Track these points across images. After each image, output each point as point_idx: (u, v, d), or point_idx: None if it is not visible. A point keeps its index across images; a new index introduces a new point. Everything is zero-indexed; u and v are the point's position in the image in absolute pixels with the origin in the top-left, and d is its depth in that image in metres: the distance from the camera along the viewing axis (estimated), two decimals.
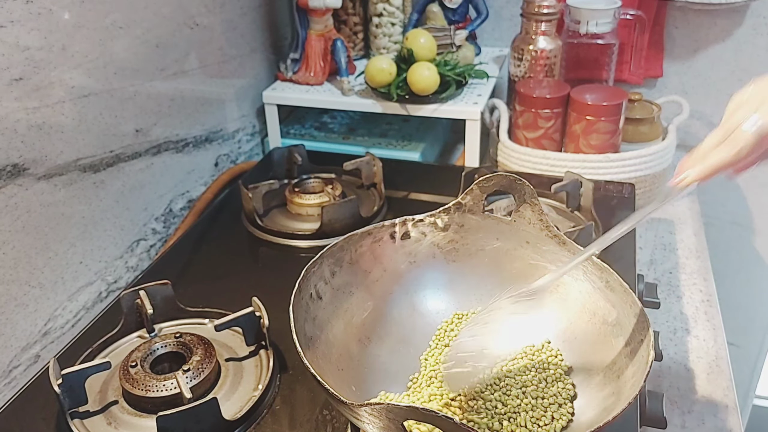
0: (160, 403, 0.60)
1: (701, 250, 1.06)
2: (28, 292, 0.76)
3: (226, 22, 1.07)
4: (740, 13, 1.19)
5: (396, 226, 0.67)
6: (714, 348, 0.87)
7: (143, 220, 0.94)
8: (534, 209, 0.64)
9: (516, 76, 1.16)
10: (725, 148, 0.54)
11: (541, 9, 1.09)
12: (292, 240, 0.88)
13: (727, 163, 0.54)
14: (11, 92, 0.71)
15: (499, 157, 1.12)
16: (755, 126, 0.52)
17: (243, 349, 0.69)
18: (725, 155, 0.53)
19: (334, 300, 0.64)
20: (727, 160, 0.54)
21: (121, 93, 0.87)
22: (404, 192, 1.00)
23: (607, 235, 0.58)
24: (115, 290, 0.89)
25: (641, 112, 1.11)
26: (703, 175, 0.55)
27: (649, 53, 1.25)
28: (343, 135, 1.22)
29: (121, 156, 0.88)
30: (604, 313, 0.60)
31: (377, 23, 1.20)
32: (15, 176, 0.73)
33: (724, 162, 0.54)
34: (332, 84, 1.18)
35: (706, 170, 0.54)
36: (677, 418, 0.77)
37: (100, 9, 0.81)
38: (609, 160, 1.04)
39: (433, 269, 0.68)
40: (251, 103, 1.18)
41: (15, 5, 0.70)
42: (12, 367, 0.75)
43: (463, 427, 0.44)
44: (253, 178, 0.98)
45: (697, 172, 0.55)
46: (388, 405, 0.45)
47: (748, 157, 0.53)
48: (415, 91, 1.07)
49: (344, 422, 0.61)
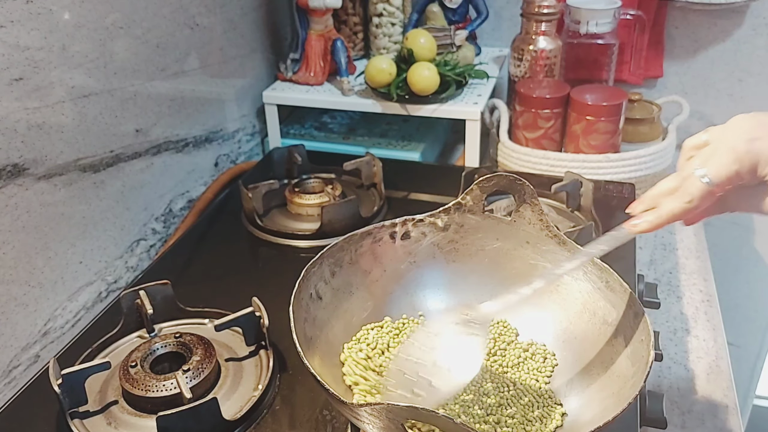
0: (160, 403, 0.60)
1: (701, 250, 1.06)
2: (28, 292, 0.76)
3: (226, 23, 1.07)
4: (740, 14, 1.20)
5: (396, 226, 0.67)
6: (714, 348, 0.87)
7: (143, 220, 0.94)
8: (534, 209, 0.64)
9: (516, 76, 1.16)
10: (678, 197, 0.53)
11: (541, 9, 1.09)
12: (292, 240, 0.88)
13: (678, 214, 0.54)
14: (11, 92, 0.71)
15: (499, 157, 1.12)
16: (706, 177, 0.52)
17: (243, 349, 0.69)
18: (677, 205, 0.53)
19: (334, 300, 0.64)
20: (678, 210, 0.53)
21: (121, 93, 0.87)
22: (404, 192, 1.00)
23: (556, 269, 0.60)
24: (115, 290, 0.89)
25: (641, 112, 1.11)
26: (655, 226, 0.55)
27: (649, 53, 1.25)
28: (343, 135, 1.22)
29: (121, 156, 0.88)
30: (604, 313, 0.61)
31: (377, 23, 1.20)
32: (15, 176, 0.73)
33: (675, 212, 0.54)
34: (332, 84, 1.18)
35: (657, 221, 0.55)
36: (677, 418, 0.77)
37: (100, 9, 0.81)
38: (609, 160, 1.04)
39: (433, 269, 0.68)
40: (251, 103, 1.18)
41: (15, 5, 0.70)
42: (12, 367, 0.75)
43: (463, 427, 0.44)
44: (253, 178, 0.98)
45: (650, 223, 0.55)
46: (388, 405, 0.45)
47: (699, 207, 0.53)
48: (415, 91, 1.07)
49: (344, 422, 0.61)
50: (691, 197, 0.53)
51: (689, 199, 0.53)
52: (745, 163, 0.51)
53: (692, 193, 0.52)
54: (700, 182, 0.52)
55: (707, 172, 0.52)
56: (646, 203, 0.56)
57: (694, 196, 0.52)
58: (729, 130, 0.53)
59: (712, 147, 0.53)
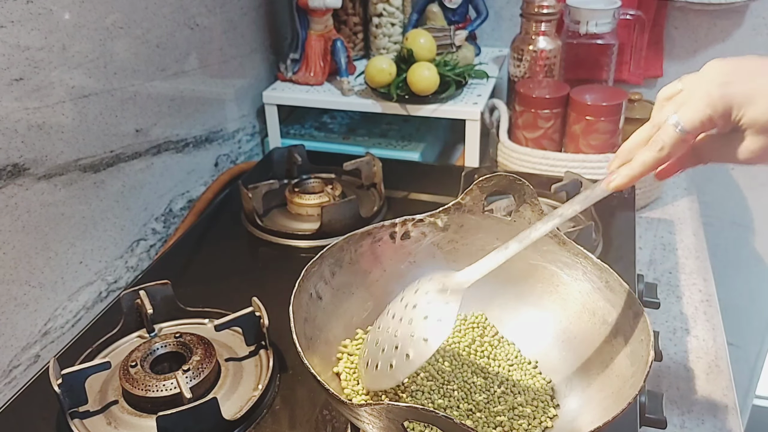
0: (160, 403, 0.60)
1: (701, 250, 1.06)
2: (28, 292, 0.76)
3: (226, 23, 1.07)
4: (740, 14, 1.20)
5: (396, 226, 0.67)
6: (713, 348, 0.87)
7: (143, 220, 0.94)
8: (534, 209, 0.64)
9: (516, 77, 1.16)
10: (650, 147, 0.52)
11: (541, 9, 1.09)
12: (292, 240, 0.88)
13: (651, 163, 0.53)
14: (11, 92, 0.71)
15: (499, 157, 1.12)
16: (679, 124, 0.51)
17: (243, 349, 0.69)
18: (650, 155, 0.52)
19: (334, 300, 0.64)
20: (651, 160, 0.52)
21: (122, 93, 0.87)
22: (404, 192, 1.00)
23: (531, 232, 0.57)
24: (115, 290, 0.89)
25: (641, 112, 1.11)
26: (630, 179, 0.54)
27: (648, 53, 1.25)
28: (343, 135, 1.22)
29: (121, 156, 0.88)
30: (604, 313, 0.61)
31: (377, 23, 1.20)
32: (15, 176, 0.73)
33: (648, 163, 0.53)
34: (332, 84, 1.18)
35: (631, 173, 0.54)
36: (677, 418, 0.77)
37: (101, 9, 0.81)
38: (609, 160, 1.04)
39: (433, 269, 0.68)
40: (251, 103, 1.18)
41: (15, 5, 0.70)
42: (12, 367, 0.75)
43: (463, 427, 0.44)
44: (253, 178, 0.98)
45: (625, 177, 0.54)
46: (388, 405, 0.45)
47: (672, 155, 0.52)
48: (415, 92, 1.07)
49: (344, 422, 0.61)
50: (662, 145, 0.52)
51: (661, 146, 0.52)
52: (719, 107, 0.50)
53: (664, 141, 0.51)
54: (673, 130, 0.51)
55: (679, 119, 0.51)
56: (621, 158, 0.55)
57: (665, 144, 0.51)
58: (703, 76, 0.52)
59: (686, 93, 0.52)
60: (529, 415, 0.59)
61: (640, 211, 1.13)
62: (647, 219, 1.12)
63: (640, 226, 1.09)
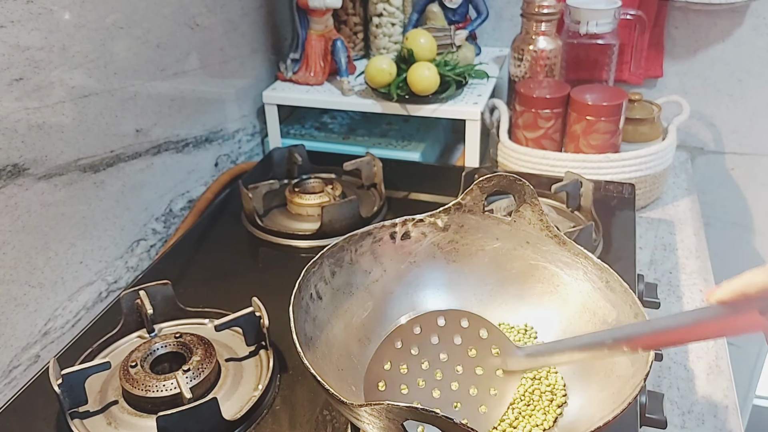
0: (160, 403, 0.60)
1: (701, 251, 1.06)
2: (28, 292, 0.76)
3: (226, 23, 1.07)
4: (740, 14, 1.20)
5: (396, 226, 0.67)
6: (714, 348, 0.87)
7: (143, 220, 0.94)
8: (534, 209, 0.64)
9: (516, 77, 1.16)
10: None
11: (541, 9, 1.09)
12: (292, 240, 0.88)
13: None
14: (11, 92, 0.71)
15: (499, 157, 1.12)
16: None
17: (243, 349, 0.69)
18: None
19: (334, 300, 0.64)
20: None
21: (122, 93, 0.87)
22: (404, 192, 1.00)
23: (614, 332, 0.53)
24: (115, 290, 0.89)
25: (641, 112, 1.11)
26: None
27: (649, 53, 1.25)
28: (343, 135, 1.22)
29: (122, 156, 0.88)
30: (604, 313, 0.60)
31: (377, 23, 1.20)
32: (15, 176, 0.73)
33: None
34: (332, 84, 1.18)
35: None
36: (677, 418, 0.77)
37: (101, 9, 0.81)
38: (609, 160, 1.04)
39: (433, 269, 0.68)
40: (251, 103, 1.18)
41: (15, 5, 0.70)
42: (12, 367, 0.75)
43: (463, 427, 0.44)
44: (253, 178, 0.98)
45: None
46: (388, 405, 0.45)
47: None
48: (415, 92, 1.07)
49: (344, 422, 0.61)
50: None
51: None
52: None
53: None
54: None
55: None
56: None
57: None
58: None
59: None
60: (529, 414, 0.59)
61: (641, 211, 1.13)
62: (648, 219, 1.12)
63: (640, 226, 1.09)
